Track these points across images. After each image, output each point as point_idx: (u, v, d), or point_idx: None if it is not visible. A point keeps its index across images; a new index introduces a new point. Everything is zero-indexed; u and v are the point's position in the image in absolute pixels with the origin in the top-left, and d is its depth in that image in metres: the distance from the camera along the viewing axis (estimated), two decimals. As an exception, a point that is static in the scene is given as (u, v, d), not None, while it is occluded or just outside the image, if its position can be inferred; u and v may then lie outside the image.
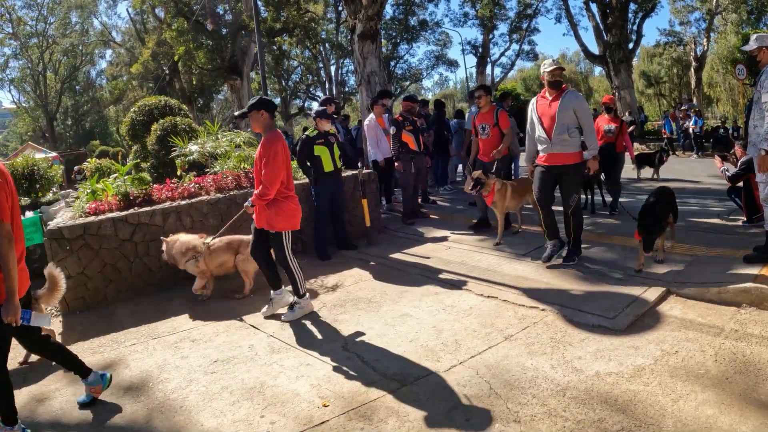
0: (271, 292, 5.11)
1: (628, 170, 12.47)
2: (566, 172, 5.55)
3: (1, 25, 35.90)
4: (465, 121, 10.25)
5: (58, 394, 3.85)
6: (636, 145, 16.68)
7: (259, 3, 22.35)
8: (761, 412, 2.83)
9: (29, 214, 7.35)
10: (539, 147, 5.68)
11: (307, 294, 5.04)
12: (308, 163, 6.92)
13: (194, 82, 26.99)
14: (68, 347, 4.66)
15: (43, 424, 3.48)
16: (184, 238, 5.60)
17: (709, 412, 2.87)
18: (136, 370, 4.14)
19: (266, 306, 5.11)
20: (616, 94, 23.45)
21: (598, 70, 40.01)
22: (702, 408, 2.91)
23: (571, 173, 5.55)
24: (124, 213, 6.07)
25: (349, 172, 7.80)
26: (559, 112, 5.42)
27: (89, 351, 4.61)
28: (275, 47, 29.32)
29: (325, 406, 3.34)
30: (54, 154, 23.70)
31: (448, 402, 3.25)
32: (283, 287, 5.13)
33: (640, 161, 12.26)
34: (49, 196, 10.03)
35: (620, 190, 8.39)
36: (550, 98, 5.57)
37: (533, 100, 5.80)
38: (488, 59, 36.15)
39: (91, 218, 5.94)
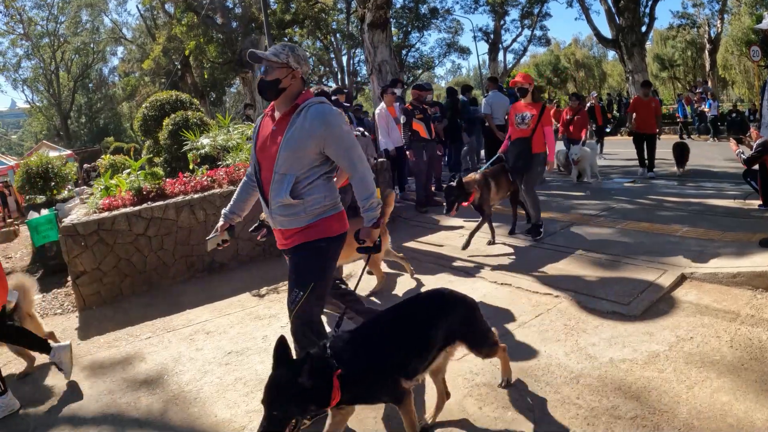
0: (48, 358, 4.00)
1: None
2: (296, 254, 2.98)
3: (13, 26, 36.22)
4: (479, 109, 10.15)
5: (75, 389, 3.91)
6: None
7: (268, -5, 22.31)
8: (778, 398, 2.79)
9: (44, 211, 7.45)
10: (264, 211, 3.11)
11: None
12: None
13: (206, 76, 27.08)
14: (85, 342, 4.75)
15: (60, 418, 3.53)
16: None
17: (724, 398, 2.84)
18: (151, 363, 4.19)
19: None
20: (630, 77, 23.13)
21: (611, 54, 39.47)
22: (717, 395, 2.88)
23: (302, 254, 2.95)
24: (137, 208, 6.13)
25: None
26: (283, 150, 2.80)
27: (105, 345, 4.68)
28: (286, 39, 29.34)
29: (338, 396, 3.35)
30: (68, 152, 23.90)
31: (461, 390, 3.25)
32: (54, 345, 3.98)
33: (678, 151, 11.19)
34: (65, 193, 10.16)
35: (538, 206, 6.30)
36: (276, 120, 2.93)
37: (258, 120, 3.14)
38: (500, 46, 36.01)
39: (105, 214, 6.00)
